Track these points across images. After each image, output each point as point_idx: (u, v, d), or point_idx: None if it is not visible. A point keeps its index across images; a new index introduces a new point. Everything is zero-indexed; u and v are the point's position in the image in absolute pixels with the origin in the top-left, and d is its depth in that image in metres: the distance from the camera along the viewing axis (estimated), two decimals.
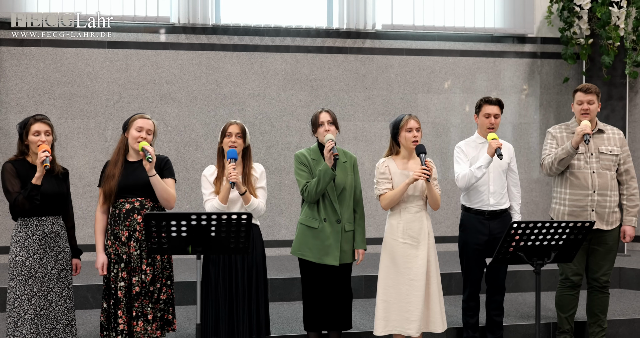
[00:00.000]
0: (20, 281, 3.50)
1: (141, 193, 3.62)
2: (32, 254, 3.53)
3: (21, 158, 3.64)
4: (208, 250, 2.88)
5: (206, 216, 2.76)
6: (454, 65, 6.66)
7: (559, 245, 3.16)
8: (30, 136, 3.56)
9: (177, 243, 2.86)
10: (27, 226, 3.55)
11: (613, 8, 6.03)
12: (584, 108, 4.11)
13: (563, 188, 4.17)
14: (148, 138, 3.64)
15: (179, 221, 2.75)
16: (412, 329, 3.74)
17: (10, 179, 3.54)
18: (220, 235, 2.86)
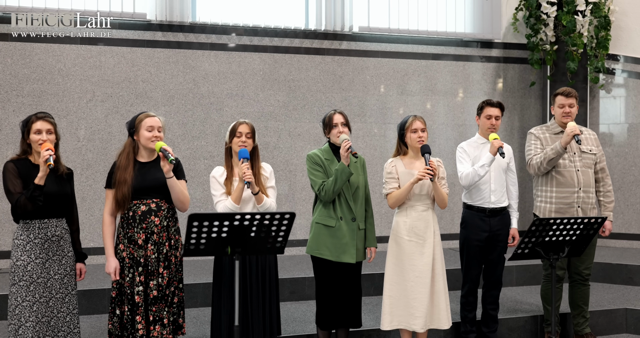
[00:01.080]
0: (22, 287, 3.34)
1: (156, 194, 3.52)
2: (34, 258, 3.36)
3: (23, 157, 3.47)
4: (245, 250, 2.84)
5: (250, 216, 2.73)
6: (426, 68, 6.84)
7: (572, 240, 3.32)
8: (32, 134, 3.40)
9: (216, 243, 2.81)
10: (29, 229, 3.38)
11: (578, 16, 6.37)
12: (566, 111, 4.34)
13: (549, 186, 4.37)
14: (161, 136, 3.56)
15: (222, 221, 2.71)
16: (417, 325, 3.82)
17: (11, 179, 3.36)
18: (259, 235, 2.83)
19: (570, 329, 4.66)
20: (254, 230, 2.80)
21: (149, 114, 3.61)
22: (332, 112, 3.97)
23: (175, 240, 3.59)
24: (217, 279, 3.66)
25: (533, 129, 4.51)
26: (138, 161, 3.59)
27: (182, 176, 3.61)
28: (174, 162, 3.41)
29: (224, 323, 3.62)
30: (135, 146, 3.61)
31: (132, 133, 3.61)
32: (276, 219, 2.79)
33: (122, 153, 3.62)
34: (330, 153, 3.95)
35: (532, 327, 4.70)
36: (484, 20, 6.90)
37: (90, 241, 5.88)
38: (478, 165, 4.08)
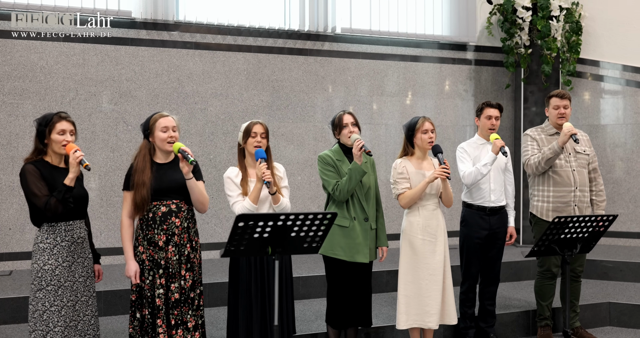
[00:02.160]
0: (50, 291, 3.24)
1: (176, 195, 3.48)
2: (62, 262, 3.28)
3: (39, 158, 3.35)
4: (284, 250, 2.86)
5: (294, 216, 2.75)
6: (405, 69, 6.96)
7: (584, 237, 3.48)
8: (54, 134, 3.30)
9: (257, 244, 2.81)
10: (55, 232, 3.28)
11: (552, 21, 6.64)
12: (561, 112, 4.53)
13: (546, 186, 4.55)
14: (177, 136, 3.51)
15: (267, 221, 2.71)
16: (432, 322, 3.92)
17: (35, 182, 3.25)
18: (299, 235, 2.85)
19: (560, 323, 4.86)
20: (295, 229, 2.81)
21: (162, 114, 3.56)
22: (341, 113, 4.01)
23: (195, 242, 3.56)
24: (234, 279, 3.64)
25: (529, 131, 4.68)
26: (155, 163, 3.53)
27: (200, 177, 3.57)
28: (194, 163, 3.38)
29: (242, 324, 3.60)
30: (151, 148, 3.55)
31: (147, 135, 3.55)
32: (318, 219, 2.82)
33: (138, 155, 3.55)
34: (341, 153, 3.99)
35: (525, 322, 4.88)
36: (459, 23, 7.08)
37: None
38: (481, 164, 4.21)
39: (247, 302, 3.60)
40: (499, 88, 7.33)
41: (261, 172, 3.48)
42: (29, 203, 3.30)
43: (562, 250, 3.46)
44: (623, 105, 7.10)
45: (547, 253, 3.49)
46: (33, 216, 3.34)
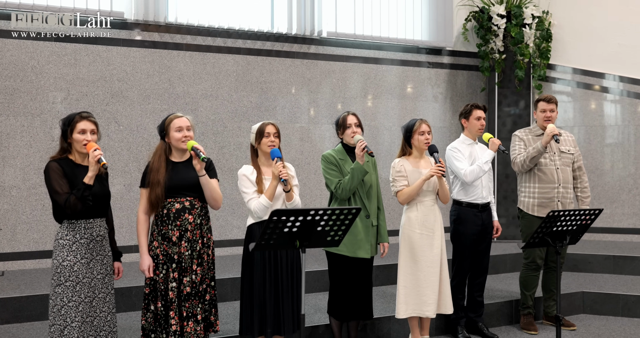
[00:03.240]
0: (68, 287, 3.33)
1: (190, 192, 3.62)
2: (80, 258, 3.37)
3: (64, 156, 3.45)
4: (310, 244, 3.04)
5: (322, 211, 2.94)
6: (387, 73, 7.23)
7: (573, 230, 3.79)
8: (76, 134, 3.39)
9: (285, 238, 2.98)
10: (74, 229, 3.38)
11: (525, 29, 7.01)
12: (547, 115, 4.87)
13: (532, 183, 4.87)
14: (191, 135, 3.65)
15: (298, 216, 2.90)
16: (429, 311, 4.17)
17: (57, 179, 3.34)
18: (324, 229, 3.04)
19: (541, 311, 5.19)
20: (322, 224, 3.00)
21: (177, 115, 3.70)
22: (345, 114, 4.22)
23: (208, 239, 3.70)
24: (248, 275, 3.80)
25: (517, 132, 5.00)
26: (171, 161, 3.67)
27: (214, 175, 3.71)
28: (206, 160, 3.53)
29: (256, 318, 3.76)
30: (167, 148, 3.69)
31: (163, 136, 3.68)
32: (343, 214, 3.01)
33: (154, 155, 3.69)
34: (343, 153, 4.19)
35: (508, 311, 5.18)
36: (437, 29, 7.39)
37: None
38: (482, 161, 4.49)
39: (261, 296, 3.75)
40: (474, 91, 7.67)
41: (278, 170, 3.64)
42: (52, 200, 3.39)
43: (554, 242, 3.75)
44: (583, 107, 7.54)
45: (540, 245, 3.78)
46: (55, 213, 3.43)
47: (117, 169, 5.92)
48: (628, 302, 5.40)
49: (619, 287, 5.68)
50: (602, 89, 7.47)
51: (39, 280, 5.13)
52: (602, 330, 4.99)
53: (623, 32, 7.35)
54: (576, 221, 3.74)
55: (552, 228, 3.70)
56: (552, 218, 3.63)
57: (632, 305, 5.38)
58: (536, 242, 3.76)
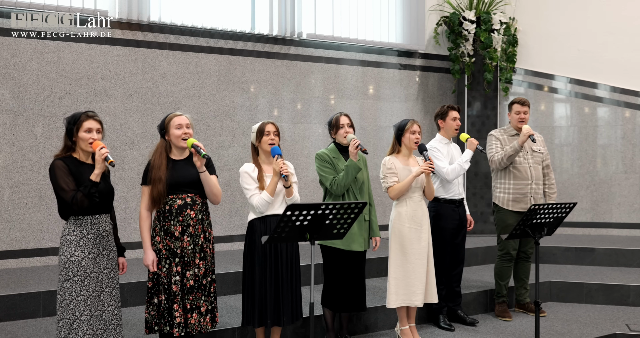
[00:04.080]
0: (76, 281, 3.40)
1: (191, 189, 3.74)
2: (87, 253, 3.45)
3: (68, 154, 3.53)
4: (318, 237, 3.23)
5: (332, 205, 3.13)
6: (363, 74, 7.47)
7: (550, 222, 4.10)
8: (81, 132, 3.47)
9: (296, 231, 3.16)
10: (81, 225, 3.45)
11: (494, 34, 7.37)
12: (521, 117, 5.20)
13: (507, 179, 5.19)
14: (190, 133, 3.78)
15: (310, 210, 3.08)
16: (418, 301, 4.42)
17: (63, 177, 3.41)
18: (332, 223, 3.23)
19: (513, 299, 5.52)
20: (330, 218, 3.19)
21: (176, 114, 3.83)
22: (338, 114, 4.42)
23: (209, 233, 3.84)
24: (249, 268, 3.95)
25: (493, 132, 5.31)
26: (172, 159, 3.78)
27: (213, 172, 3.84)
28: (206, 157, 3.67)
29: (257, 309, 3.92)
30: (168, 146, 3.81)
31: (163, 134, 3.81)
32: (350, 208, 3.21)
33: (155, 153, 3.80)
34: (336, 151, 4.39)
35: (484, 300, 5.48)
36: (410, 32, 7.67)
37: (48, 242, 5.75)
38: (462, 161, 4.77)
39: (262, 289, 3.91)
40: (444, 93, 7.99)
41: (279, 167, 3.81)
42: (57, 197, 3.47)
43: (534, 234, 4.05)
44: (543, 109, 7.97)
45: (522, 236, 4.08)
46: (61, 210, 3.49)
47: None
48: (591, 290, 5.79)
49: (582, 276, 6.07)
50: (562, 91, 7.90)
51: (27, 278, 5.14)
52: (569, 315, 5.35)
53: (582, 39, 7.80)
54: (553, 215, 4.05)
55: (532, 220, 4.00)
56: (533, 212, 3.93)
57: (595, 292, 5.77)
58: (518, 234, 4.05)
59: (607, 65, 7.69)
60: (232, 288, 5.30)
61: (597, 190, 7.81)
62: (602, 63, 7.71)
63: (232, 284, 5.29)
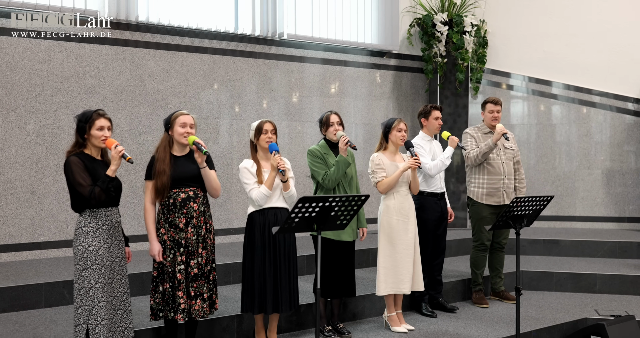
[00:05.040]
0: (94, 270, 3.58)
1: (193, 183, 3.96)
2: (103, 244, 3.63)
3: (80, 150, 3.69)
4: (324, 227, 3.49)
5: (338, 197, 3.39)
6: (340, 73, 7.74)
7: (529, 214, 4.45)
8: (94, 130, 3.65)
9: (304, 222, 3.41)
10: (96, 217, 3.63)
11: (465, 35, 7.74)
12: (494, 116, 5.55)
13: (481, 175, 5.53)
14: (192, 132, 3.99)
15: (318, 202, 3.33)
16: (405, 288, 4.73)
17: (79, 172, 3.58)
18: (336, 214, 3.49)
19: (489, 287, 5.89)
20: (335, 209, 3.45)
21: (182, 112, 4.04)
22: (329, 113, 4.69)
23: (210, 225, 4.06)
24: (249, 258, 4.18)
25: (468, 130, 5.65)
26: (173, 155, 3.99)
27: (212, 167, 4.07)
28: (207, 153, 3.90)
29: (257, 296, 4.16)
30: (170, 141, 4.01)
31: (168, 129, 4.01)
32: (354, 200, 3.48)
33: (159, 147, 4.01)
34: (327, 147, 4.66)
35: (461, 288, 5.84)
36: (385, 33, 7.98)
37: (40, 236, 5.85)
38: (444, 157, 5.09)
39: (262, 278, 4.16)
40: (417, 92, 8.33)
41: (276, 162, 4.06)
42: (72, 191, 3.63)
43: (514, 224, 4.40)
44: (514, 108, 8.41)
45: (504, 227, 4.42)
46: (75, 203, 3.66)
47: None
48: (560, 279, 6.21)
49: (551, 266, 6.49)
50: (534, 92, 8.35)
51: (25, 270, 5.25)
52: (540, 302, 5.75)
53: (547, 41, 8.25)
54: (532, 207, 4.40)
55: (514, 212, 4.34)
56: (516, 203, 4.26)
57: (563, 281, 6.19)
58: (500, 225, 4.39)
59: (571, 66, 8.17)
60: (223, 279, 5.50)
61: (562, 185, 8.28)
62: (566, 64, 8.18)
63: (222, 275, 5.49)
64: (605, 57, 8.05)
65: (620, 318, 4.93)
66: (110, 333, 3.63)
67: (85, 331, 3.55)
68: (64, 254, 5.95)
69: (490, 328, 4.89)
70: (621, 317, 4.96)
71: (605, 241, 7.07)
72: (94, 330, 3.54)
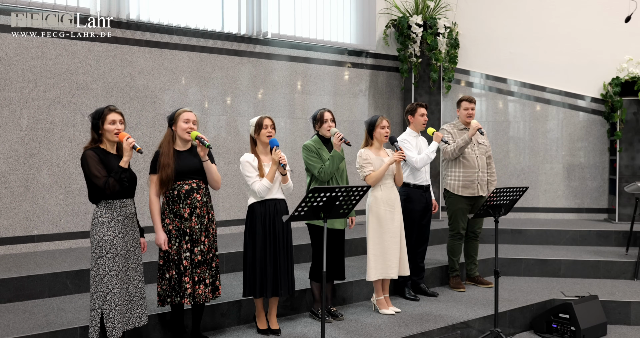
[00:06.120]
0: (109, 258, 3.81)
1: (195, 176, 4.23)
2: (118, 233, 3.86)
3: (96, 145, 3.92)
4: (329, 215, 3.81)
5: (344, 188, 3.71)
6: (320, 72, 8.05)
7: (506, 204, 4.86)
8: (107, 125, 3.88)
9: (312, 211, 3.72)
10: (112, 208, 3.86)
11: (439, 37, 8.15)
12: (469, 113, 5.96)
13: (457, 168, 5.94)
14: (195, 128, 4.26)
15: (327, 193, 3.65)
16: (393, 274, 5.10)
17: (95, 165, 3.81)
18: (341, 204, 3.82)
19: (464, 273, 6.32)
20: (340, 199, 3.77)
21: (186, 110, 4.30)
22: (322, 110, 5.00)
23: (212, 215, 4.33)
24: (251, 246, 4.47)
25: (445, 126, 6.04)
26: (176, 150, 4.24)
27: (212, 161, 4.34)
28: (210, 147, 4.17)
29: (258, 281, 4.46)
30: (173, 136, 4.27)
31: (171, 124, 4.26)
32: (357, 191, 3.81)
33: (163, 141, 4.27)
34: (320, 143, 4.97)
35: (440, 274, 6.24)
36: (363, 33, 8.33)
37: (34, 229, 5.99)
38: (429, 151, 5.46)
39: (262, 264, 4.46)
40: (392, 90, 8.71)
41: (278, 157, 4.36)
42: (89, 183, 3.85)
43: (494, 213, 4.81)
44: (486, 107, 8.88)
45: (484, 215, 4.83)
46: (92, 195, 3.89)
47: (79, 158, 6.23)
48: (528, 265, 6.70)
49: (519, 253, 6.98)
50: (498, 90, 8.84)
51: (25, 262, 5.40)
52: (512, 286, 6.21)
53: (513, 42, 8.74)
54: (510, 197, 4.82)
55: (495, 202, 4.75)
56: (496, 194, 4.67)
57: (531, 266, 6.68)
58: (481, 213, 4.80)
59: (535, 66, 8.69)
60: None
61: (526, 178, 8.80)
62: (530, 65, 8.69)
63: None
64: (567, 59, 8.59)
65: (584, 298, 5.42)
66: (126, 318, 3.87)
67: (100, 315, 3.78)
68: (57, 247, 6.10)
69: (469, 309, 5.30)
70: (585, 297, 5.45)
71: (566, 230, 7.61)
72: (108, 314, 3.77)
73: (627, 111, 8.08)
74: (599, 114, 8.56)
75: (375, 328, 4.77)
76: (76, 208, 6.21)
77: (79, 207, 6.22)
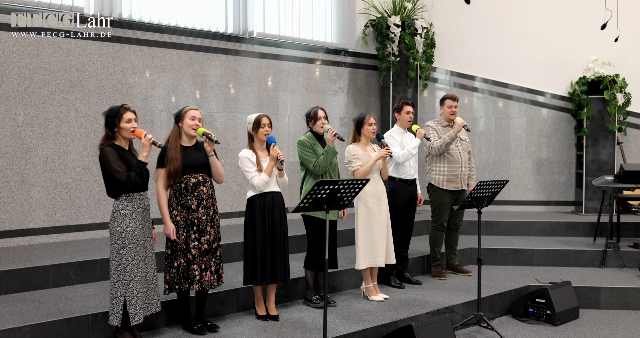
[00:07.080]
0: (131, 248, 4.05)
1: (201, 169, 4.48)
2: (138, 225, 4.10)
3: (112, 142, 4.13)
4: (331, 207, 4.09)
5: (346, 181, 4.00)
6: (303, 70, 8.32)
7: (488, 196, 5.23)
8: (123, 123, 4.11)
9: (315, 202, 4.00)
10: (132, 201, 4.09)
11: (416, 37, 8.50)
12: (453, 111, 6.31)
13: (442, 163, 6.28)
14: (200, 124, 4.50)
15: (330, 185, 3.93)
16: (381, 262, 5.43)
17: (115, 160, 4.03)
18: (342, 196, 4.11)
19: (444, 262, 6.68)
20: (342, 191, 4.06)
21: (192, 107, 4.54)
22: (316, 108, 5.29)
23: (216, 206, 4.59)
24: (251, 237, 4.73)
25: (429, 123, 6.38)
26: (182, 146, 4.48)
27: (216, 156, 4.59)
28: (218, 142, 4.43)
29: (258, 269, 4.73)
30: (179, 132, 4.50)
31: (178, 121, 4.50)
32: (357, 183, 4.11)
33: (170, 137, 4.51)
34: (314, 138, 5.26)
35: (422, 264, 6.59)
36: (343, 33, 8.63)
37: (30, 223, 6.12)
38: (411, 147, 5.79)
39: (262, 254, 4.73)
40: (370, 88, 9.03)
41: (276, 153, 4.63)
42: (109, 178, 4.06)
43: (477, 205, 5.17)
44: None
45: (468, 206, 5.18)
46: (111, 189, 4.10)
47: (75, 153, 6.39)
48: (503, 254, 7.11)
49: (494, 243, 7.39)
50: (473, 89, 9.24)
51: (27, 254, 5.54)
52: (489, 274, 6.60)
53: (486, 43, 9.16)
54: (492, 189, 5.19)
55: (478, 194, 5.11)
56: (479, 186, 5.03)
57: (506, 256, 7.10)
58: (466, 205, 5.15)
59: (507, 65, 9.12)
60: None
61: (498, 173, 9.24)
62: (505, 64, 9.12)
63: None
64: (536, 59, 9.05)
65: (558, 284, 5.83)
66: (145, 304, 4.11)
67: (122, 303, 4.01)
68: (52, 240, 6.24)
69: (452, 296, 5.66)
70: (559, 283, 5.86)
71: (537, 222, 8.06)
72: (130, 301, 4.01)
73: (593, 108, 8.57)
74: (566, 111, 9.04)
75: (367, 313, 5.08)
76: (70, 202, 6.35)
77: (73, 201, 6.37)
